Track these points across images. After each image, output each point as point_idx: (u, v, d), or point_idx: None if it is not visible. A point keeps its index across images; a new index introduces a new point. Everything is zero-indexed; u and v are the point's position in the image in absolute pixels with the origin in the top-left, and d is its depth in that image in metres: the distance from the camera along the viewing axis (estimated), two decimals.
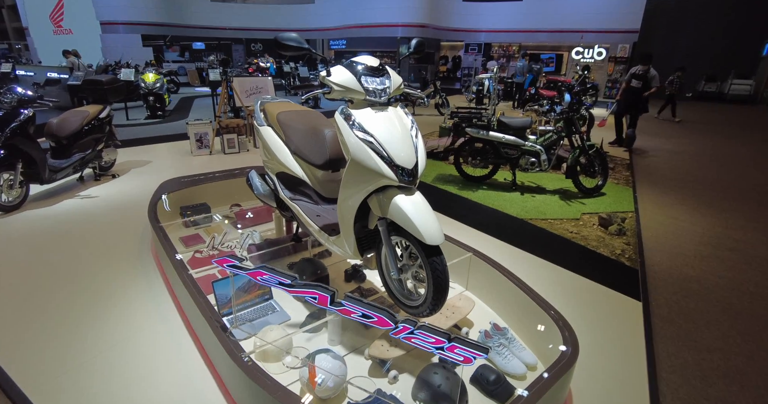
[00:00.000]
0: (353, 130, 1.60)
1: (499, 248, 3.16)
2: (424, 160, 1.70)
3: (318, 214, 2.06)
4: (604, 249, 3.21)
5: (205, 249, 2.63)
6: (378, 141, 1.59)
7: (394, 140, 1.61)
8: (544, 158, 4.26)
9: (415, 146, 1.68)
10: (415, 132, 1.74)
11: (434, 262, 1.59)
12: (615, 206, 4.15)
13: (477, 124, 4.36)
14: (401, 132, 1.65)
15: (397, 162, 1.58)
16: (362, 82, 1.65)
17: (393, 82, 1.74)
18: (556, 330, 1.84)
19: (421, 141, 1.74)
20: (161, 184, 3.54)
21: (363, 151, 1.58)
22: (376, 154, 1.58)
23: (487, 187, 4.64)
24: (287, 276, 1.54)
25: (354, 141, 1.59)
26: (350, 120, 1.62)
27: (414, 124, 1.77)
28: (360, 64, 1.68)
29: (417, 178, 1.64)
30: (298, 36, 1.64)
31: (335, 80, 1.64)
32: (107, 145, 4.65)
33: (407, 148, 1.63)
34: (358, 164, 1.60)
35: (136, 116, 8.77)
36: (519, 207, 4.00)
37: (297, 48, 1.63)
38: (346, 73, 1.66)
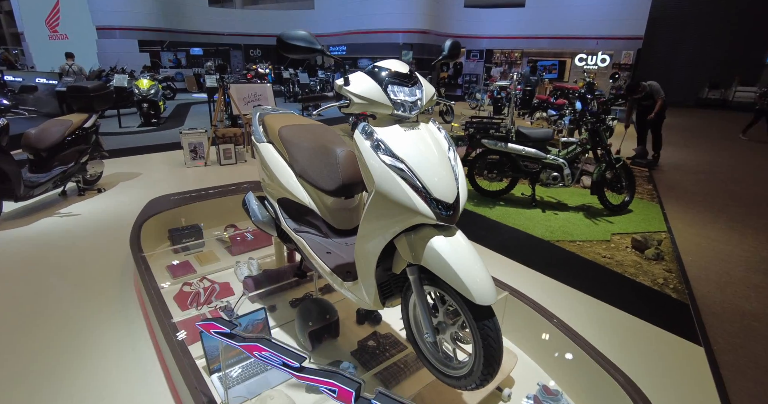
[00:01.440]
0: (379, 154, 1.26)
1: (527, 277, 2.81)
2: (465, 191, 1.36)
3: (328, 251, 1.70)
4: (644, 278, 2.86)
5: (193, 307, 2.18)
6: (410, 168, 1.24)
7: (430, 166, 1.26)
8: (567, 172, 3.92)
9: (455, 173, 1.33)
10: (453, 154, 1.39)
11: (485, 327, 1.23)
12: (645, 225, 3.81)
13: (494, 135, 4.02)
14: (438, 155, 1.31)
15: (435, 194, 1.23)
16: (389, 92, 1.31)
17: (425, 92, 1.40)
18: (618, 391, 1.49)
19: (460, 166, 1.39)
20: (148, 203, 3.19)
21: (391, 181, 1.23)
22: (408, 184, 1.23)
23: (504, 202, 4.30)
24: (295, 354, 1.16)
25: (380, 168, 1.25)
26: (374, 140, 1.28)
27: (451, 145, 1.43)
28: (385, 70, 1.34)
29: (458, 213, 1.30)
30: (309, 33, 1.29)
31: (355, 90, 1.30)
32: (93, 156, 4.29)
33: (446, 176, 1.28)
34: (384, 197, 1.25)
35: (130, 124, 8.43)
36: (543, 227, 3.65)
37: (306, 49, 1.29)
38: (369, 81, 1.32)
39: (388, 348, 1.91)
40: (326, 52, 1.31)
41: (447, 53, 1.54)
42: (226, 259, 2.88)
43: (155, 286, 2.09)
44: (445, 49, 1.55)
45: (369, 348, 1.92)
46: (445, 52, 1.55)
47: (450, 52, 1.55)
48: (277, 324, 2.16)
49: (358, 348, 1.94)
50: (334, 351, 1.96)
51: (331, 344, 2.01)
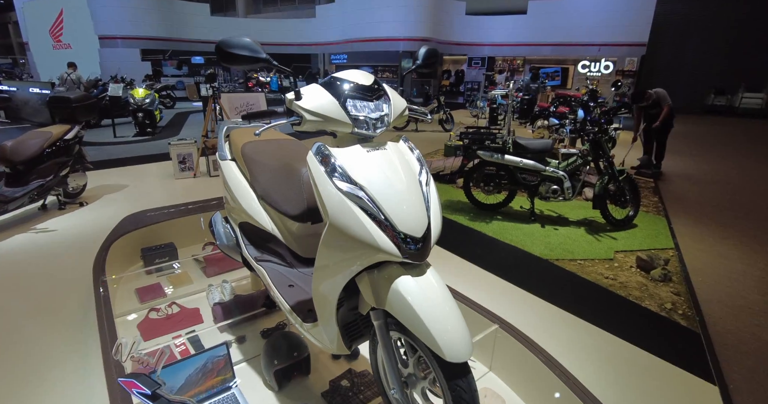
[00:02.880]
0: (334, 180, 1.08)
1: (523, 301, 2.60)
2: (439, 222, 1.17)
3: (291, 284, 1.51)
4: (650, 303, 2.64)
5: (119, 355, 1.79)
6: (371, 196, 1.06)
7: (395, 193, 1.08)
8: (567, 185, 3.72)
9: (427, 201, 1.15)
10: (426, 178, 1.21)
11: (458, 387, 1.04)
12: (650, 241, 3.59)
13: (490, 146, 3.84)
14: (406, 180, 1.13)
15: (401, 227, 1.05)
16: (348, 107, 1.14)
17: (393, 106, 1.23)
18: None
19: (434, 191, 1.21)
20: (122, 220, 3.02)
21: (348, 212, 1.05)
22: (368, 215, 1.05)
23: (501, 216, 4.10)
24: None
25: (334, 196, 1.07)
26: (329, 163, 1.10)
27: (424, 166, 1.25)
28: (345, 82, 1.17)
29: (429, 248, 1.11)
30: (252, 41, 1.12)
31: (308, 105, 1.13)
32: (75, 169, 4.14)
33: (415, 205, 1.10)
34: (340, 231, 1.08)
35: (125, 133, 8.33)
36: (542, 244, 3.45)
37: (249, 59, 1.11)
38: (325, 95, 1.15)
39: (362, 390, 1.71)
40: (271, 61, 1.14)
41: (422, 62, 1.37)
42: (200, 281, 2.70)
43: (109, 317, 1.91)
44: (420, 56, 1.37)
45: (341, 389, 1.72)
46: (419, 60, 1.37)
47: (425, 60, 1.37)
48: (245, 357, 1.97)
49: (329, 388, 1.74)
50: (303, 392, 1.77)
51: (301, 383, 1.81)
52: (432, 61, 1.38)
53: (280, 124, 1.17)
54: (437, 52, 1.42)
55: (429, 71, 1.44)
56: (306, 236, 1.60)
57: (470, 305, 2.01)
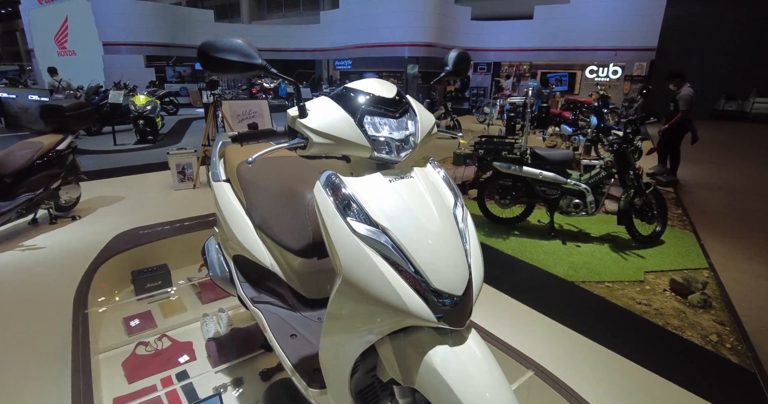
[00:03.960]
0: (348, 219, 0.85)
1: (550, 331, 2.34)
2: (481, 270, 0.93)
3: (293, 333, 1.27)
4: (692, 334, 2.38)
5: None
6: (397, 241, 0.83)
7: (427, 237, 0.85)
8: (590, 199, 3.47)
9: (466, 243, 0.91)
10: (462, 212, 0.98)
11: None
12: (681, 260, 3.33)
13: (507, 157, 3.60)
14: (440, 218, 0.89)
15: (436, 284, 0.82)
16: (366, 126, 0.91)
17: (421, 123, 1.00)
18: None
19: (472, 228, 0.97)
20: (111, 241, 2.80)
21: (367, 264, 0.82)
22: (393, 268, 0.82)
23: (519, 232, 3.85)
24: None
25: (349, 241, 0.83)
26: (342, 198, 0.87)
27: (459, 197, 1.01)
28: (362, 94, 0.94)
29: (470, 309, 0.87)
30: (245, 43, 0.89)
31: (316, 125, 0.90)
32: (67, 181, 3.94)
33: (453, 251, 0.87)
34: (356, 288, 0.84)
35: (126, 141, 8.16)
36: (565, 264, 3.19)
37: (240, 66, 0.89)
38: (337, 111, 0.92)
39: None
40: (269, 68, 0.91)
41: (452, 68, 1.14)
42: (194, 308, 2.46)
43: (86, 357, 1.67)
44: (449, 62, 1.14)
45: None
46: (448, 66, 1.14)
47: (456, 66, 1.14)
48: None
49: None
50: None
51: None
52: (464, 67, 1.15)
53: (280, 148, 0.93)
54: (468, 56, 1.19)
55: (460, 78, 1.21)
56: (311, 274, 1.36)
57: (498, 345, 1.76)
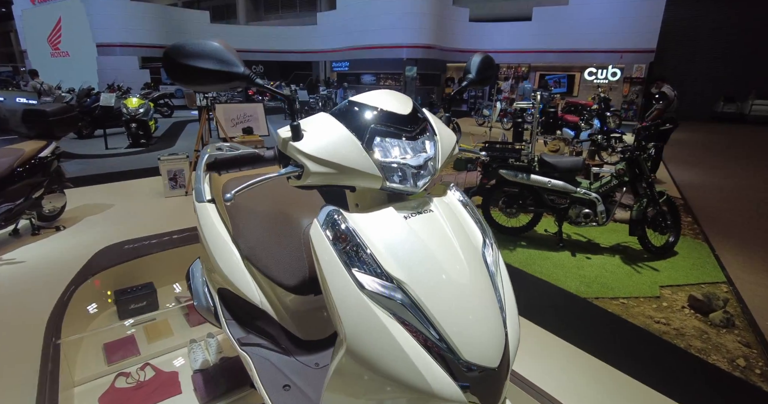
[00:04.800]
0: (354, 272, 0.68)
1: (566, 356, 2.17)
2: (517, 330, 0.76)
3: (286, 384, 1.09)
4: (718, 357, 2.21)
5: None
6: (417, 301, 0.66)
7: (455, 293, 0.68)
8: (601, 209, 3.31)
9: (500, 296, 0.74)
10: (493, 253, 0.81)
11: None
12: (697, 273, 3.17)
13: (513, 164, 3.43)
14: (470, 268, 0.72)
15: (467, 356, 0.65)
16: (375, 150, 0.74)
17: (442, 144, 0.83)
18: None
19: (506, 277, 0.80)
20: (92, 257, 2.61)
21: (380, 333, 0.65)
22: (413, 336, 0.65)
23: (526, 242, 3.68)
24: None
25: (356, 302, 0.66)
26: (347, 243, 0.70)
27: (488, 233, 0.84)
28: (370, 110, 0.78)
29: (505, 381, 0.70)
30: (224, 46, 0.72)
31: (313, 149, 0.73)
32: (51, 189, 3.74)
33: (486, 312, 0.70)
34: (366, 362, 0.66)
35: (118, 144, 7.95)
36: (576, 278, 3.02)
37: (215, 75, 0.71)
38: (340, 131, 0.75)
39: None
40: (253, 78, 0.73)
41: (475, 76, 0.97)
42: (182, 332, 2.27)
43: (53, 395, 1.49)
44: (472, 68, 0.97)
45: None
46: (471, 74, 0.97)
47: (481, 73, 0.97)
48: None
49: None
50: None
51: None
52: (489, 74, 0.99)
53: (268, 179, 0.76)
54: (493, 61, 1.02)
55: (484, 86, 1.05)
56: (307, 312, 1.18)
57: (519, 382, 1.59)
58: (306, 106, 10.22)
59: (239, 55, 0.72)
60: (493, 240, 0.83)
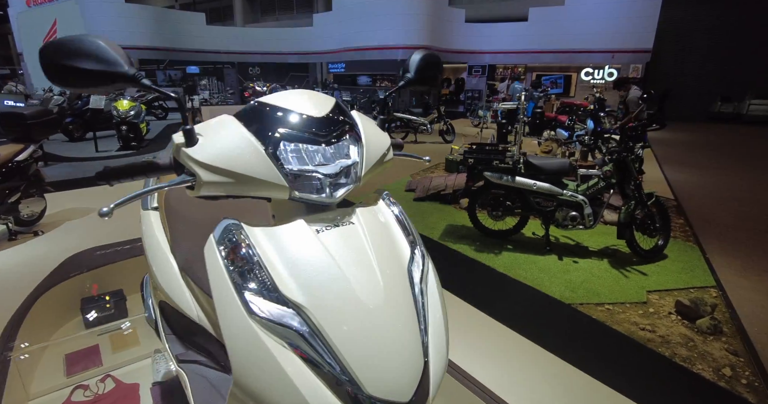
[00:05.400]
0: (246, 295, 0.61)
1: (545, 365, 2.10)
2: (444, 359, 0.69)
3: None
4: (703, 366, 2.14)
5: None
6: (319, 328, 0.59)
7: (364, 319, 0.61)
8: (588, 212, 3.24)
9: (423, 319, 0.67)
10: (421, 270, 0.73)
11: None
12: (686, 277, 3.10)
13: (498, 166, 3.36)
14: (386, 288, 0.65)
15: (371, 390, 0.58)
16: (282, 157, 0.67)
17: (367, 149, 0.76)
18: None
19: (435, 296, 0.73)
20: (61, 264, 2.54)
21: (269, 366, 0.58)
22: (312, 368, 0.58)
23: (512, 245, 3.61)
24: None
25: (243, 331, 0.60)
26: (240, 260, 0.63)
27: (418, 247, 0.77)
28: (278, 112, 0.71)
29: None
30: (108, 44, 0.66)
31: (205, 157, 0.66)
32: (29, 194, 3.67)
33: (401, 339, 0.63)
34: (256, 397, 0.60)
35: (108, 147, 7.90)
36: (561, 283, 2.95)
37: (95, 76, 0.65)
38: (241, 135, 0.68)
39: None
40: (140, 79, 0.67)
41: (414, 75, 0.90)
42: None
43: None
44: (411, 67, 0.90)
45: None
46: (410, 73, 0.90)
47: (420, 73, 0.90)
48: None
49: None
50: None
51: None
52: (431, 74, 0.91)
53: (152, 191, 0.69)
54: (437, 59, 0.95)
55: (426, 87, 0.97)
56: None
57: (478, 391, 1.52)
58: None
59: (126, 52, 0.66)
60: (424, 251, 0.76)
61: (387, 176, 6.13)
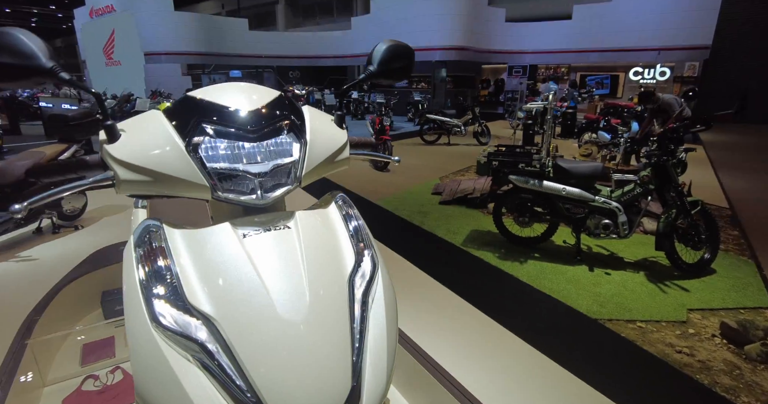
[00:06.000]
0: (153, 303, 0.57)
1: (565, 387, 1.93)
2: (382, 385, 0.61)
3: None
4: (749, 398, 1.89)
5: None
6: (228, 342, 0.54)
7: (281, 334, 0.55)
8: (623, 220, 2.99)
9: (357, 340, 0.60)
10: (365, 284, 0.66)
11: None
12: (737, 296, 2.79)
13: (525, 169, 3.19)
14: (313, 301, 0.59)
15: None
16: (203, 153, 0.64)
17: (312, 147, 0.70)
18: None
19: (380, 313, 0.65)
20: (87, 258, 2.65)
21: (168, 381, 0.54)
22: (219, 387, 0.52)
23: (540, 254, 3.41)
24: None
25: (145, 341, 0.57)
26: (155, 264, 0.60)
27: (365, 258, 0.69)
28: (204, 105, 0.68)
29: None
30: (22, 37, 0.63)
31: (122, 154, 0.64)
32: None
33: (323, 359, 0.56)
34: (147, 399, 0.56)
35: None
36: (590, 296, 2.74)
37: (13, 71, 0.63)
38: (161, 130, 0.66)
39: None
40: (58, 73, 0.64)
41: (376, 68, 0.83)
42: None
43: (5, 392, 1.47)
44: (373, 59, 0.84)
45: None
46: (372, 65, 0.83)
47: (383, 64, 0.83)
48: None
49: None
50: None
51: None
52: (397, 65, 0.83)
53: (72, 189, 0.67)
54: (405, 50, 0.87)
55: (391, 81, 0.89)
56: None
57: None
58: (333, 109, 10.22)
59: (46, 45, 0.63)
60: (374, 263, 0.68)
61: (413, 178, 6.04)
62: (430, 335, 2.22)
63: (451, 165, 6.91)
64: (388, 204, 4.80)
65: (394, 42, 0.86)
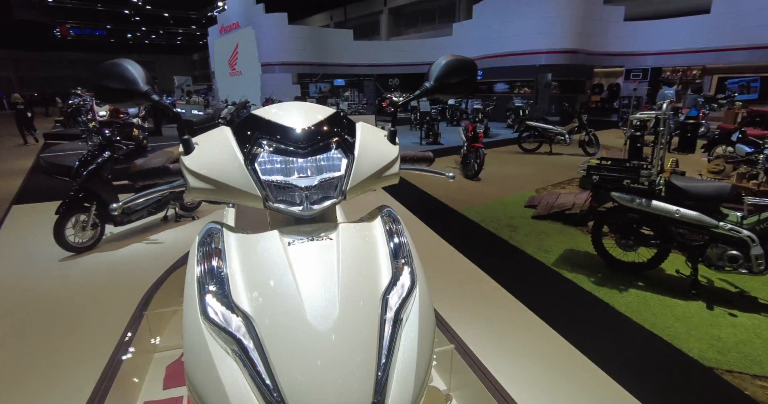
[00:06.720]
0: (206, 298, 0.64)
1: None
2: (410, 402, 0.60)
3: None
4: None
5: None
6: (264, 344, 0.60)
7: (310, 339, 0.59)
8: (757, 253, 2.49)
9: (384, 355, 0.60)
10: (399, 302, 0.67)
11: None
12: None
13: (631, 187, 2.84)
14: (342, 312, 0.62)
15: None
16: (259, 166, 0.70)
17: (358, 164, 0.72)
18: None
19: (412, 332, 0.65)
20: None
21: (208, 370, 0.60)
22: (251, 382, 0.59)
23: (644, 283, 3.00)
24: None
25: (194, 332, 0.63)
26: (212, 263, 0.68)
27: (403, 276, 0.69)
28: (262, 123, 0.75)
29: None
30: (130, 66, 0.76)
31: (194, 165, 0.73)
32: None
33: (345, 371, 0.58)
34: (196, 395, 0.63)
35: None
36: (705, 339, 2.33)
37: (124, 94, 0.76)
38: (227, 145, 0.74)
39: None
40: (151, 95, 0.74)
41: (433, 84, 0.82)
42: None
43: (118, 357, 1.75)
44: (431, 75, 0.82)
45: None
46: (428, 81, 0.82)
47: (440, 80, 0.82)
48: None
49: None
50: None
51: None
52: (454, 81, 0.81)
53: (157, 193, 0.78)
54: (465, 65, 0.83)
55: (452, 96, 0.87)
56: None
57: None
58: (427, 116, 10.29)
59: (144, 72, 0.74)
60: (413, 281, 0.67)
61: (506, 188, 5.77)
62: (505, 361, 2.09)
63: (551, 176, 6.46)
64: (474, 214, 4.65)
65: (455, 56, 0.84)
